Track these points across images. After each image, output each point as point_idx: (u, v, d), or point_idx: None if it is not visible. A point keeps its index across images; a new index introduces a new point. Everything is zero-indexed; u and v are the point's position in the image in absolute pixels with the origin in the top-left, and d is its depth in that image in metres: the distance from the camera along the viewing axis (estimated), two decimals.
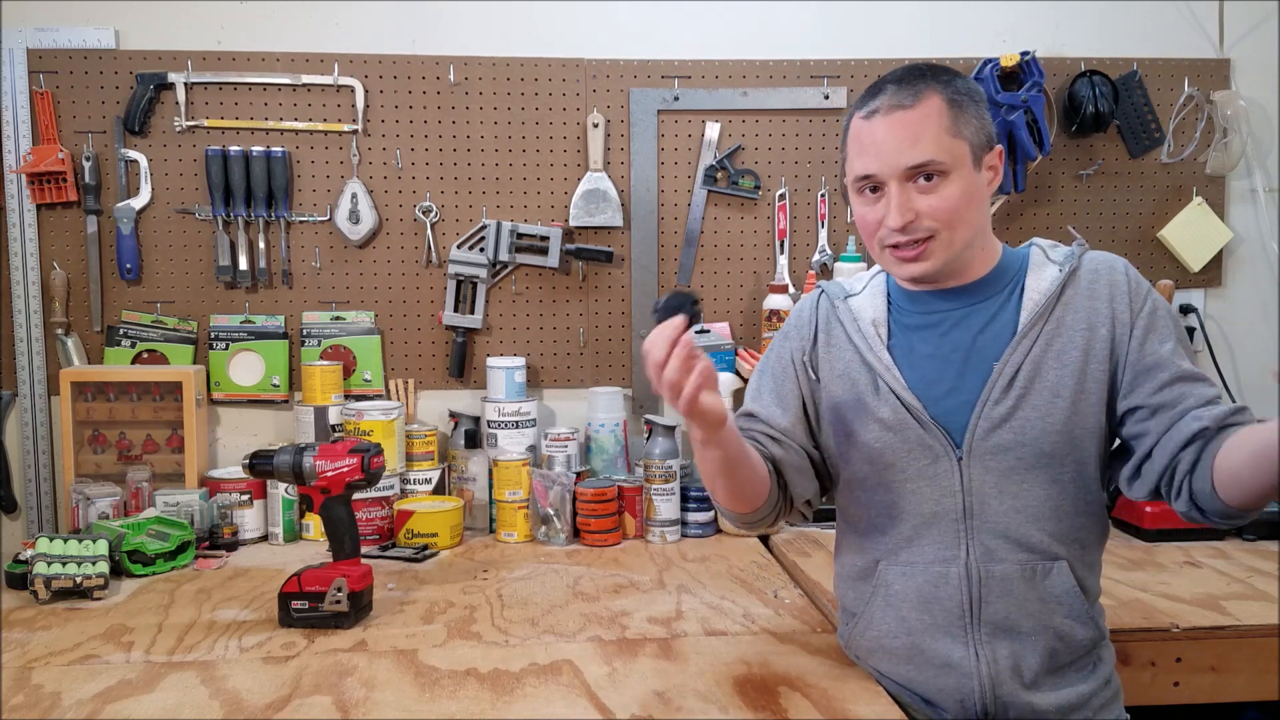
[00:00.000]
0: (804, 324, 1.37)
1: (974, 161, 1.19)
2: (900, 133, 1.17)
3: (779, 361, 1.37)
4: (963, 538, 1.22)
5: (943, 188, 1.17)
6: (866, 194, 1.22)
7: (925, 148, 1.16)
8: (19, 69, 2.10)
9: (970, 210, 1.19)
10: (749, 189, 2.26)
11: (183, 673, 1.34)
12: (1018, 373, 1.20)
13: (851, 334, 1.30)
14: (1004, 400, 1.20)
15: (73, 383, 2.09)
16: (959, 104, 1.18)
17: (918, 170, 1.17)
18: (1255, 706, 1.58)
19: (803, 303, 1.40)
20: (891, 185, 1.18)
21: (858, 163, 1.21)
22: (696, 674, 1.32)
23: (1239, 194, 2.36)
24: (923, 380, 1.25)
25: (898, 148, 1.17)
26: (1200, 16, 2.33)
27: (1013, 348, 1.21)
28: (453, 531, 2.00)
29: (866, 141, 1.20)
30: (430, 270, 2.23)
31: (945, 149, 1.17)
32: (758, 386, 1.38)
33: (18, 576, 1.70)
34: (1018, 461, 1.20)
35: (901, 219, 1.18)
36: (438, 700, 1.25)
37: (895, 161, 1.17)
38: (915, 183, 1.18)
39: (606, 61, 2.23)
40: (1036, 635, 1.21)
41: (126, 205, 2.13)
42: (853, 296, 1.34)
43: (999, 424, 1.20)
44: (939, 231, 1.18)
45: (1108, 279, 1.22)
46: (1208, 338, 2.34)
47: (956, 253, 1.21)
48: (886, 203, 1.19)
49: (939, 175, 1.17)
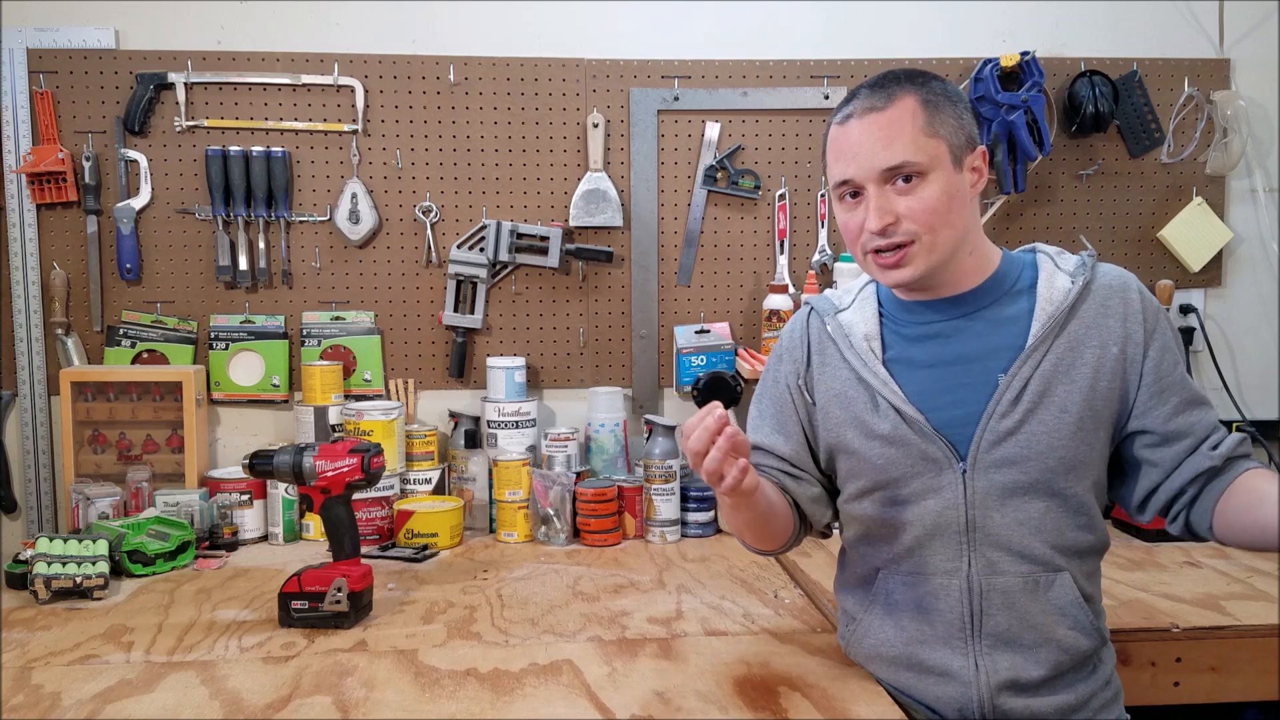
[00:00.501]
0: (796, 346, 1.36)
1: (953, 161, 1.18)
2: (875, 134, 1.17)
3: (775, 387, 1.37)
4: (965, 550, 1.21)
5: (921, 189, 1.17)
6: (847, 200, 1.22)
7: (900, 149, 1.16)
8: (19, 69, 2.10)
9: (952, 212, 1.18)
10: (749, 189, 2.26)
11: (183, 673, 1.35)
12: (1026, 386, 1.18)
13: (845, 352, 1.29)
14: (1011, 414, 1.18)
15: (73, 383, 2.09)
16: (934, 104, 1.18)
17: (894, 172, 1.17)
18: (1255, 706, 1.58)
19: (793, 323, 1.39)
20: (870, 188, 1.18)
21: (835, 168, 1.21)
22: (696, 674, 1.32)
23: (1239, 194, 2.36)
24: (923, 392, 1.23)
25: (872, 149, 1.17)
26: (1200, 16, 2.33)
27: (1022, 360, 1.19)
28: (453, 531, 2.00)
29: (842, 146, 1.20)
30: (430, 270, 2.24)
31: (921, 149, 1.16)
32: (759, 414, 1.39)
33: (18, 576, 1.71)
34: (1022, 475, 1.19)
35: (880, 221, 1.17)
36: (438, 700, 1.25)
37: (870, 164, 1.17)
38: (893, 185, 1.17)
39: (606, 61, 2.23)
40: (1039, 648, 1.19)
41: (126, 205, 2.14)
42: (842, 311, 1.33)
43: (1004, 437, 1.19)
44: (919, 235, 1.17)
45: (1121, 296, 1.21)
46: (1208, 338, 2.34)
47: (942, 257, 1.19)
48: (865, 207, 1.19)
49: (917, 176, 1.17)
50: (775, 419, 1.35)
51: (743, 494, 1.14)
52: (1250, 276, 2.38)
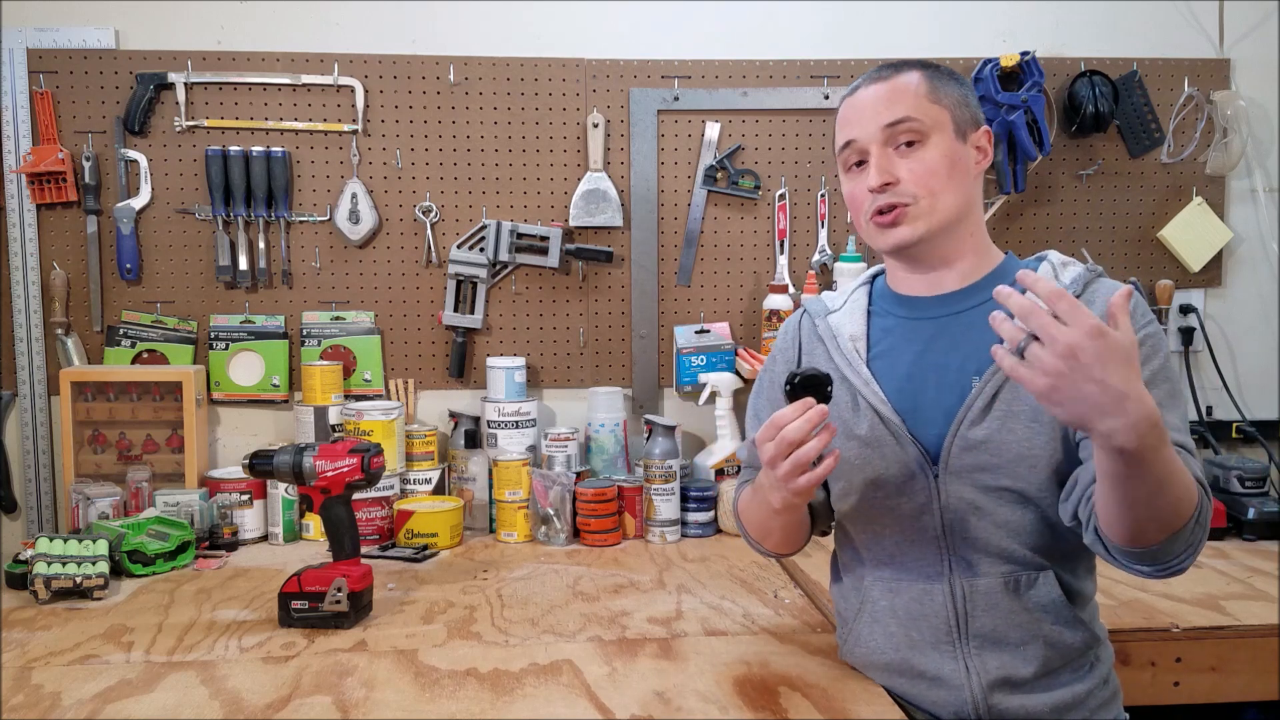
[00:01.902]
0: (789, 345, 1.37)
1: (956, 132, 1.20)
2: (879, 97, 1.21)
3: (772, 387, 1.37)
4: (944, 554, 1.21)
5: (922, 151, 1.19)
6: (853, 170, 1.24)
7: (902, 106, 1.19)
8: (19, 69, 2.10)
9: (954, 180, 1.19)
10: (749, 189, 2.26)
11: (183, 673, 1.34)
12: (999, 393, 1.16)
13: (832, 352, 1.29)
14: (981, 422, 1.16)
15: (73, 383, 2.09)
16: (939, 78, 1.22)
17: (895, 130, 1.18)
18: (1255, 706, 1.58)
19: (788, 324, 1.41)
20: (873, 149, 1.20)
21: (841, 133, 1.25)
22: (696, 674, 1.32)
23: (1239, 194, 2.36)
24: (903, 393, 1.23)
25: (875, 109, 1.20)
26: (1200, 16, 2.33)
27: (995, 368, 1.16)
28: (453, 531, 2.00)
29: (849, 114, 1.24)
30: (430, 270, 2.24)
31: (923, 110, 1.19)
32: (755, 414, 1.40)
33: (18, 576, 1.71)
34: (993, 481, 1.17)
35: (880, 179, 1.19)
36: (438, 700, 1.25)
37: (874, 122, 1.20)
38: (896, 149, 1.20)
39: (606, 61, 2.23)
40: (1026, 645, 1.19)
41: (126, 205, 2.14)
42: (833, 313, 1.34)
43: (975, 445, 1.17)
44: (919, 197, 1.19)
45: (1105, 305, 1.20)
46: (1208, 338, 2.34)
47: (942, 221, 1.19)
48: (869, 170, 1.21)
49: (918, 140, 1.19)
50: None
51: (808, 494, 1.13)
52: (1250, 276, 2.38)
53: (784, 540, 1.32)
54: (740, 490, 1.41)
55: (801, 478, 1.10)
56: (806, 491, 1.12)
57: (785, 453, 1.09)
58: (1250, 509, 1.98)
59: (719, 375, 2.18)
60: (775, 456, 1.10)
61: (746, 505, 1.34)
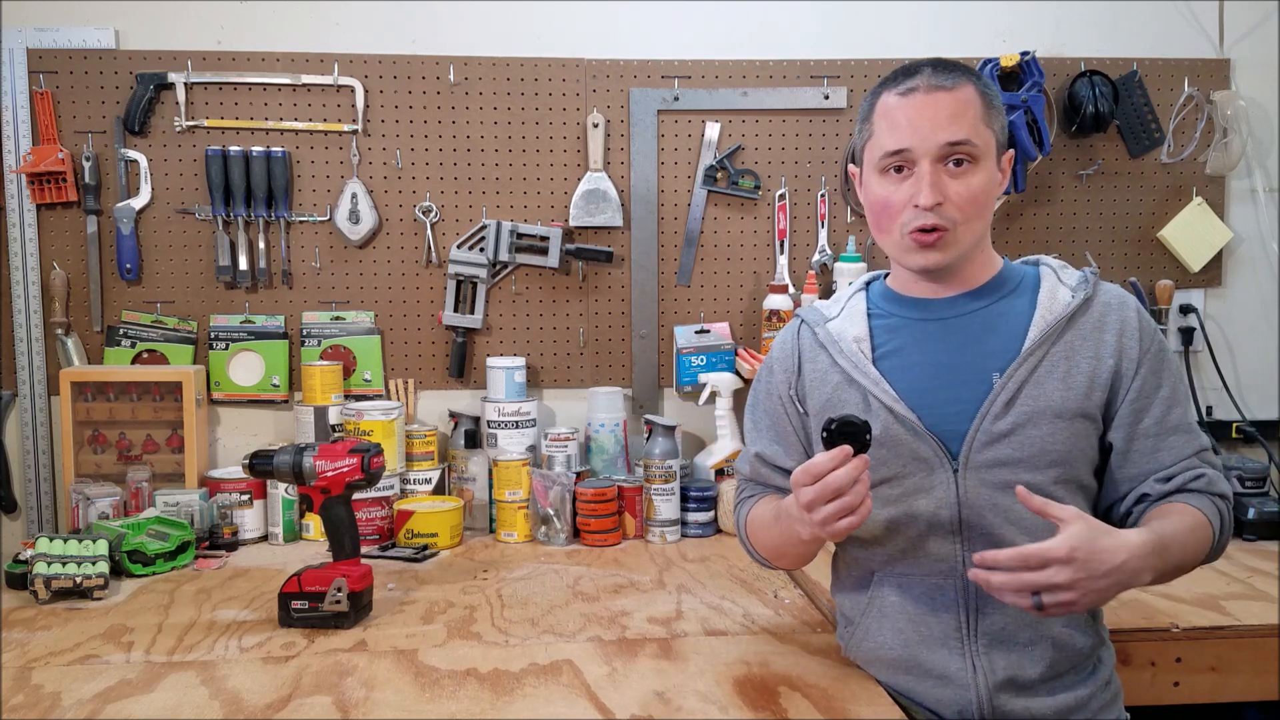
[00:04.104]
0: (787, 356, 1.36)
1: (996, 157, 1.22)
2: (941, 109, 1.17)
3: (769, 397, 1.37)
4: (959, 550, 1.21)
5: (970, 175, 1.18)
6: (891, 174, 1.21)
7: (964, 127, 1.17)
8: (19, 69, 2.10)
9: (987, 207, 1.21)
10: (749, 189, 2.26)
11: (183, 673, 1.35)
12: (1021, 389, 1.19)
13: (836, 357, 1.29)
14: (1004, 416, 1.18)
15: (73, 383, 2.09)
16: (989, 99, 1.21)
17: (953, 149, 1.17)
18: (1255, 706, 1.58)
19: (783, 335, 1.39)
20: (924, 164, 1.17)
21: (889, 138, 1.19)
22: (696, 674, 1.32)
23: (1239, 194, 2.36)
24: (915, 389, 1.23)
25: (936, 122, 1.17)
26: (1200, 16, 2.33)
27: (1018, 364, 1.19)
28: (453, 531, 2.00)
29: (901, 118, 1.19)
30: (430, 270, 2.24)
31: (979, 134, 1.18)
32: (754, 424, 1.40)
33: (18, 576, 1.71)
34: (1013, 476, 1.18)
35: (934, 197, 1.17)
36: (438, 700, 1.25)
37: (934, 136, 1.17)
38: (946, 165, 1.18)
39: (606, 61, 2.23)
40: (1035, 645, 1.19)
41: (126, 205, 2.14)
42: (831, 321, 1.33)
43: (998, 439, 1.18)
44: (958, 223, 1.19)
45: (1119, 314, 1.22)
46: (1208, 338, 2.34)
47: (966, 249, 1.21)
48: (916, 182, 1.18)
49: (969, 162, 1.18)
50: (772, 430, 1.36)
51: (846, 535, 1.14)
52: (1250, 276, 2.38)
53: (799, 559, 1.33)
54: (744, 507, 1.40)
55: (842, 522, 1.09)
56: (845, 533, 1.12)
57: (827, 498, 1.09)
58: (1250, 509, 1.98)
59: (719, 375, 2.18)
60: (814, 501, 1.09)
61: (760, 529, 1.33)
